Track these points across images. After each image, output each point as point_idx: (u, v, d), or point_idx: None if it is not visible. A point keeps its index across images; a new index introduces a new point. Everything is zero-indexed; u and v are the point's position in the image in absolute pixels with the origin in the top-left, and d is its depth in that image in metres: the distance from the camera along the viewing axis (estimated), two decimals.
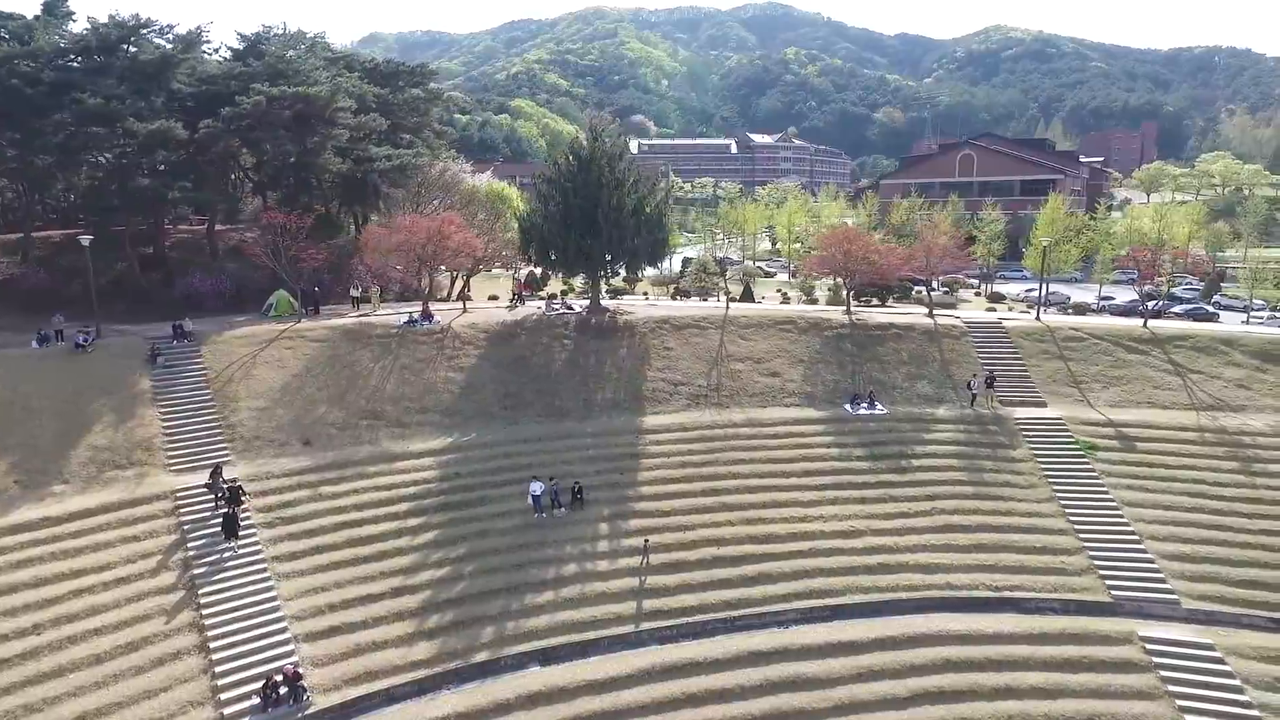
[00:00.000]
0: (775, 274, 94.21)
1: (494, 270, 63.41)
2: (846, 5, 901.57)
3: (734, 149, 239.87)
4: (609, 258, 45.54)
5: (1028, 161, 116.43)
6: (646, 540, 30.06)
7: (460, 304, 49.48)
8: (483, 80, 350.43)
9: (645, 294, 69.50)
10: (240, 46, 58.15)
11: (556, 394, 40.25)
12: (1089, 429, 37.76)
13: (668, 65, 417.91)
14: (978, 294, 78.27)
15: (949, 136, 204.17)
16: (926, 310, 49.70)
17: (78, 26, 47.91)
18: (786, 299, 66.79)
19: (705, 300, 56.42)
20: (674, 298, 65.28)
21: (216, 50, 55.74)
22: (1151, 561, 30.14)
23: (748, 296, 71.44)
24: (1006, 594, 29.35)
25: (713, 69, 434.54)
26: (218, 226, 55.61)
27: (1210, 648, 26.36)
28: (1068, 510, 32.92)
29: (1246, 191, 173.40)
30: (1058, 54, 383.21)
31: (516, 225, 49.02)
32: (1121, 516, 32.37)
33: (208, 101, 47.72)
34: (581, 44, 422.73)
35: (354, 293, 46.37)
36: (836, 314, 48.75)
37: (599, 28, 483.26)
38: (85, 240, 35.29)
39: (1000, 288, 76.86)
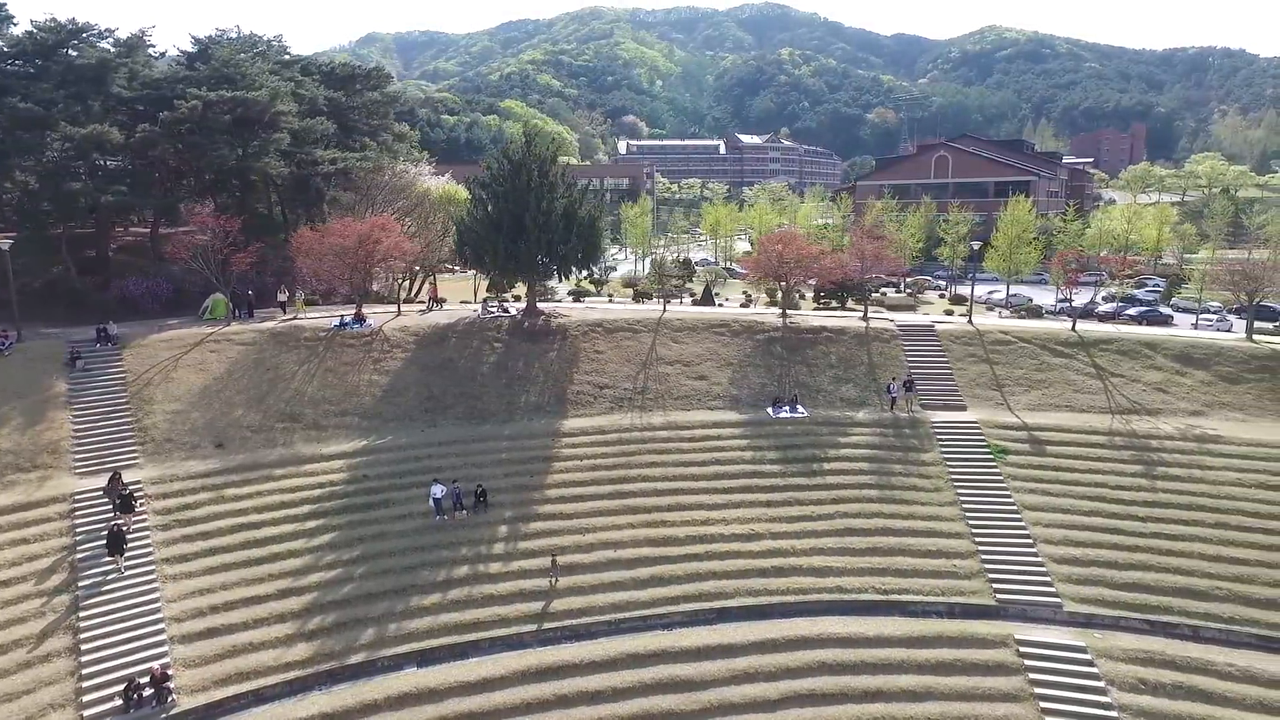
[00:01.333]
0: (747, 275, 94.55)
1: (468, 271, 63.92)
2: (844, 5, 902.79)
3: (723, 150, 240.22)
4: (544, 260, 45.85)
5: (1000, 163, 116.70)
6: (554, 557, 29.82)
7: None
8: (476, 81, 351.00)
9: (610, 295, 70.00)
10: (193, 50, 58.60)
11: (480, 397, 40.62)
12: (1002, 432, 38.04)
13: (663, 66, 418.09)
14: (942, 296, 78.62)
15: (941, 137, 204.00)
16: (861, 313, 50.00)
17: (19, 30, 48.16)
18: (749, 300, 67.15)
19: (668, 302, 56.74)
20: (636, 300, 65.73)
21: (163, 55, 55.96)
22: (1041, 565, 30.44)
23: (707, 298, 72.00)
24: (895, 597, 29.67)
25: (708, 69, 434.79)
26: (170, 230, 56.01)
27: (1083, 650, 26.67)
28: (968, 514, 33.23)
29: (1216, 192, 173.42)
30: (1052, 54, 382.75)
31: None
32: (1020, 520, 32.67)
33: (152, 105, 48.14)
34: (576, 44, 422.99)
35: (281, 297, 46.74)
36: (772, 317, 49.06)
37: (595, 28, 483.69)
38: (4, 244, 35.68)
39: (964, 289, 77.09)
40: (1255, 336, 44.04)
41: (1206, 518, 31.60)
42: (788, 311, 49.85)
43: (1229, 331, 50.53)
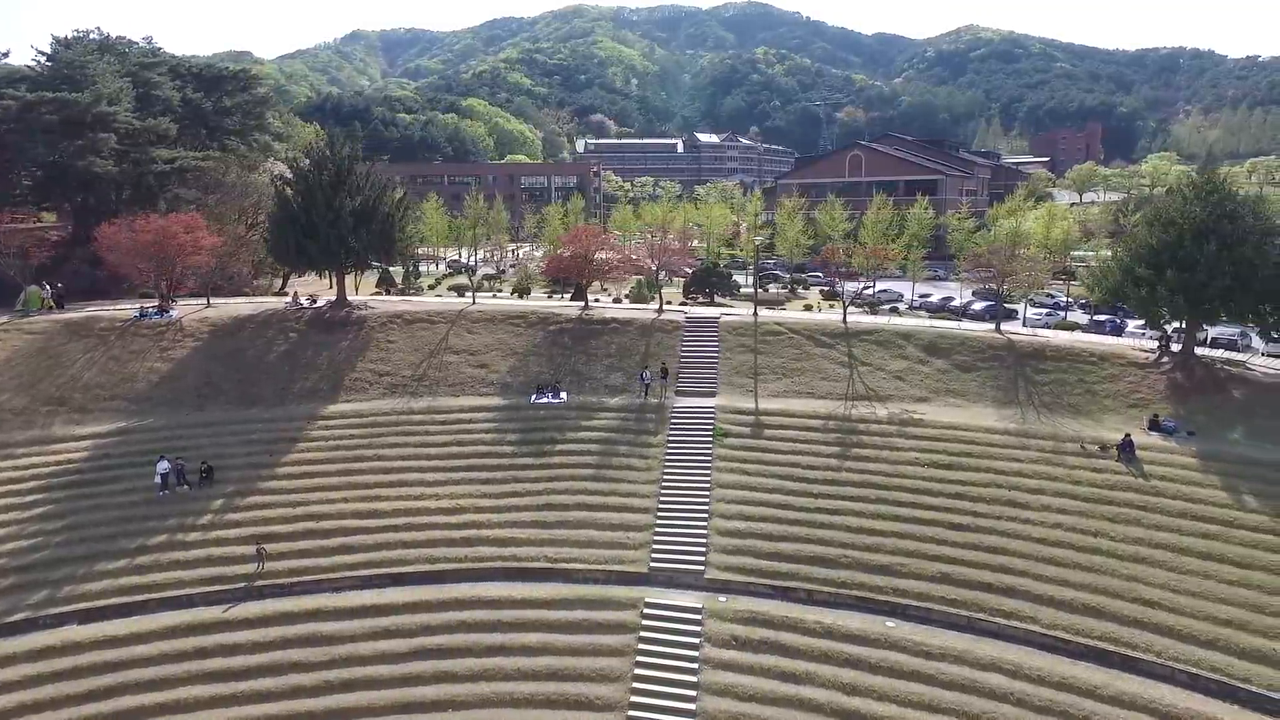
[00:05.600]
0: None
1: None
2: (827, 4, 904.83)
3: (680, 148, 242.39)
4: (342, 254, 48.20)
5: (910, 162, 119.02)
6: (260, 548, 31.30)
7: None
8: (453, 79, 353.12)
9: (495, 293, 72.21)
10: (52, 51, 61.04)
11: (257, 383, 43.06)
12: (734, 417, 40.37)
13: (640, 65, 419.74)
14: (823, 290, 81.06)
15: (911, 136, 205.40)
16: (657, 307, 52.40)
17: None
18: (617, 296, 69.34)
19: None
20: (515, 295, 67.87)
21: (6, 54, 58.41)
22: (705, 537, 32.79)
23: (580, 295, 74.44)
24: (562, 565, 32.03)
25: (686, 68, 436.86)
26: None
27: (698, 611, 29.06)
28: (664, 491, 35.56)
29: (1161, 191, 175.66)
30: (1024, 54, 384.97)
31: None
32: (707, 497, 35.00)
33: None
34: (554, 43, 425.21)
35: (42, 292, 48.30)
36: (574, 309, 51.45)
37: (576, 26, 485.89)
38: None
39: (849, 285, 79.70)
40: (1003, 328, 46.42)
41: (871, 494, 33.93)
42: (589, 304, 52.29)
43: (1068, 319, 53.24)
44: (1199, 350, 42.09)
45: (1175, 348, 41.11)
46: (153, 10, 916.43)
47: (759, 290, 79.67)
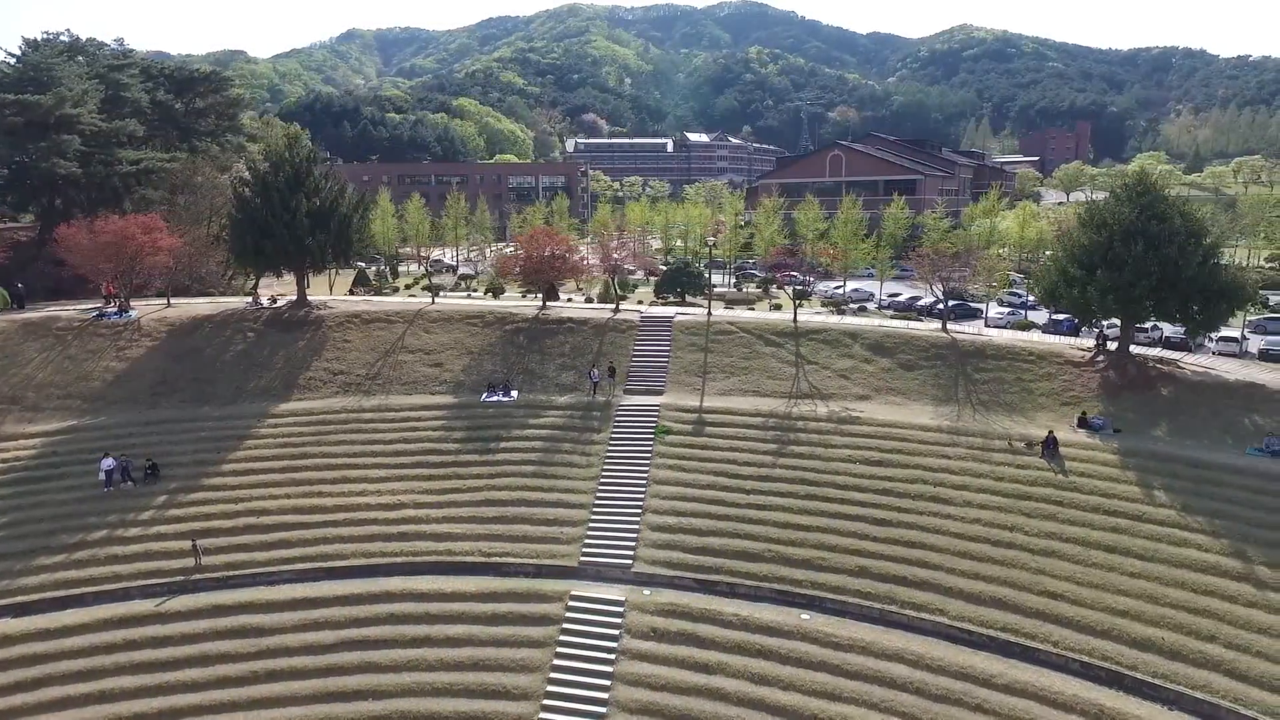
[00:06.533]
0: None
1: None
2: (822, 3, 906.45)
3: (670, 148, 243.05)
4: (299, 254, 48.87)
5: (890, 163, 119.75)
6: (194, 542, 31.82)
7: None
8: (447, 78, 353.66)
9: (469, 293, 72.83)
10: (21, 53, 61.62)
11: (212, 382, 43.75)
12: (678, 415, 41.04)
13: (634, 64, 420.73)
14: (796, 290, 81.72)
15: (903, 135, 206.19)
16: (614, 307, 53.09)
17: None
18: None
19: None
20: (488, 295, 68.53)
21: None
22: (636, 532, 33.47)
23: (552, 295, 75.14)
24: (495, 559, 32.74)
25: (680, 68, 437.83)
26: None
27: (621, 603, 29.74)
28: (602, 488, 36.23)
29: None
30: (1017, 54, 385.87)
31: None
32: (643, 493, 35.67)
33: None
34: (549, 42, 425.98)
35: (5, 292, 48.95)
36: (532, 309, 52.13)
37: (571, 25, 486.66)
38: None
39: (822, 284, 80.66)
40: (952, 327, 47.13)
41: (801, 490, 34.64)
42: (546, 305, 52.99)
43: (1027, 319, 53.89)
44: (1152, 350, 42.93)
45: (1113, 346, 41.85)
46: (148, 10, 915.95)
47: (736, 290, 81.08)
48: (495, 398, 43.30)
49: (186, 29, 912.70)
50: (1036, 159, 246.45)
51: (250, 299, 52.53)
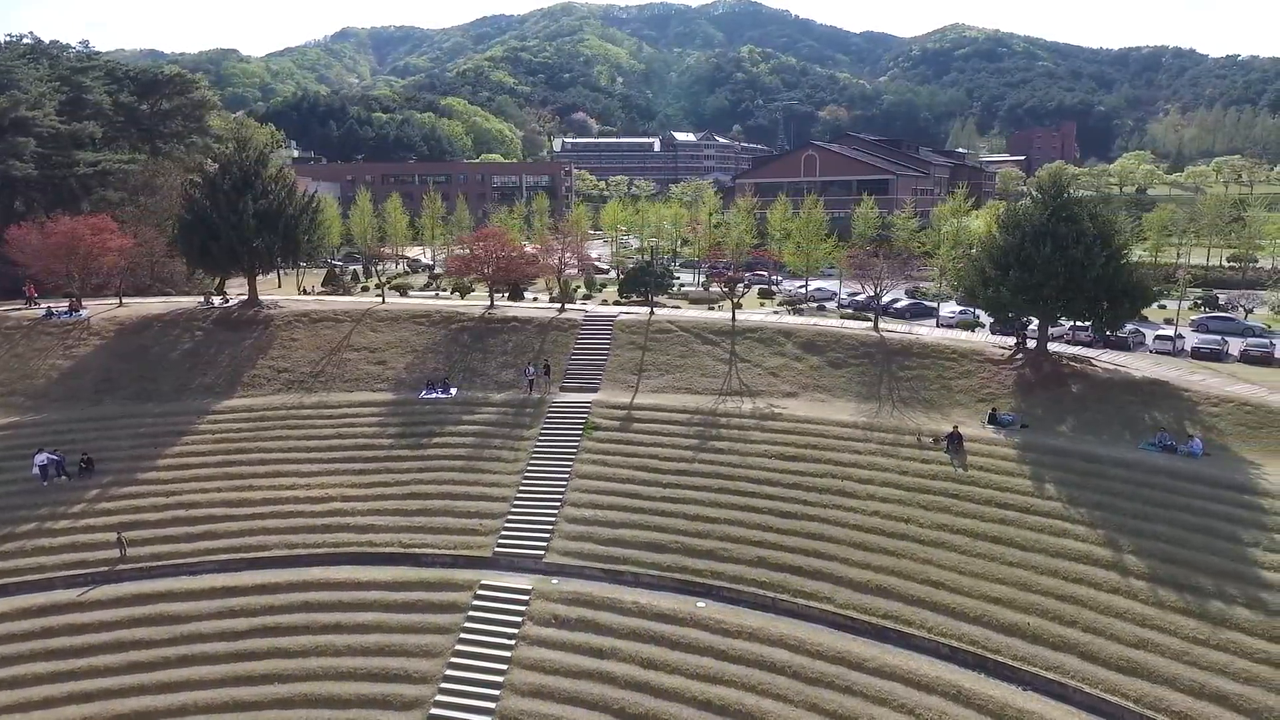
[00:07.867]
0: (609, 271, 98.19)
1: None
2: (817, 2, 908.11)
3: (657, 147, 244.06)
4: (245, 254, 49.86)
5: (862, 163, 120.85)
6: (119, 535, 32.96)
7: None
8: (437, 77, 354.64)
9: (436, 292, 73.78)
10: None
11: (156, 379, 44.78)
12: (608, 411, 42.06)
13: (626, 63, 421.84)
14: (760, 289, 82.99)
15: (891, 134, 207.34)
16: (559, 306, 54.15)
17: None
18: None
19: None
20: (452, 294, 69.52)
21: None
22: (553, 524, 34.54)
23: (517, 295, 76.21)
24: (414, 550, 33.79)
25: (673, 67, 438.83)
26: None
27: (527, 592, 30.83)
28: (525, 482, 37.28)
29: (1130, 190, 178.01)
30: (1008, 53, 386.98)
31: None
32: (564, 488, 36.72)
33: None
34: (541, 41, 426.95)
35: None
36: (479, 308, 53.15)
37: (565, 24, 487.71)
38: None
39: (789, 284, 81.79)
40: (881, 327, 48.17)
41: (715, 484, 35.64)
42: (494, 304, 54.06)
43: (976, 318, 54.85)
44: (1068, 349, 44.03)
45: (1031, 344, 42.94)
46: (144, 9, 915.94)
47: (703, 289, 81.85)
48: (434, 395, 44.34)
49: (181, 28, 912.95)
50: (1022, 158, 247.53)
51: (202, 298, 53.51)
